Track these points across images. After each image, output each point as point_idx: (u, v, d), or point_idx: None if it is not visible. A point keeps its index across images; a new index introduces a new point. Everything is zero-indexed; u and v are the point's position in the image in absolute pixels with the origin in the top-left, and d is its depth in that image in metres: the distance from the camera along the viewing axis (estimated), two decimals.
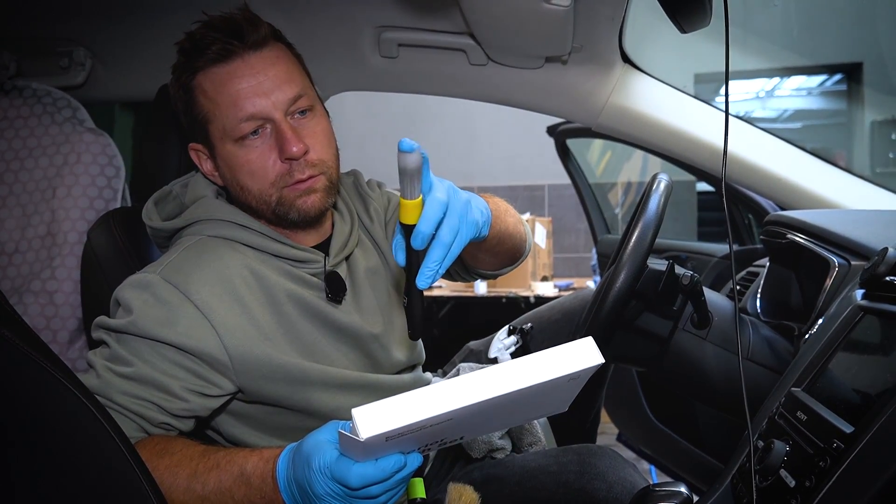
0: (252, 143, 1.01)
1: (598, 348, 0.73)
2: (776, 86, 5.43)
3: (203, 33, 1.01)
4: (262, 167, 1.01)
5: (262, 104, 0.99)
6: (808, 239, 1.19)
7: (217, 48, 1.00)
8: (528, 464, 1.12)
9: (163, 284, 0.97)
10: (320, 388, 1.03)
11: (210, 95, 1.01)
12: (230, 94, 0.99)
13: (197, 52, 1.01)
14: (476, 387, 0.69)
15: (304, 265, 1.07)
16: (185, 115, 1.07)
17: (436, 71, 1.62)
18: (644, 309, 1.20)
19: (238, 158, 1.02)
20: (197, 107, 1.03)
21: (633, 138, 1.64)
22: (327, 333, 1.06)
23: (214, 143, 1.04)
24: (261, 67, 1.00)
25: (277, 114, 1.00)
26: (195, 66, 1.02)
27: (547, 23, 1.30)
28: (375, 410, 0.68)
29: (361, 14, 1.52)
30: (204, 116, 1.03)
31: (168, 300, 0.96)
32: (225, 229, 1.04)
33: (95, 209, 1.51)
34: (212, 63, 1.01)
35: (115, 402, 0.92)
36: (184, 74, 1.03)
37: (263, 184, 1.02)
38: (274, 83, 1.00)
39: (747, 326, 1.22)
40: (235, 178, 1.04)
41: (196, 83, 1.02)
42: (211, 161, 1.07)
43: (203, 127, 1.04)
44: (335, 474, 0.73)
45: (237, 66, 1.00)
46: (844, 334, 0.91)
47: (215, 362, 0.96)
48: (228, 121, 1.00)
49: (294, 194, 1.02)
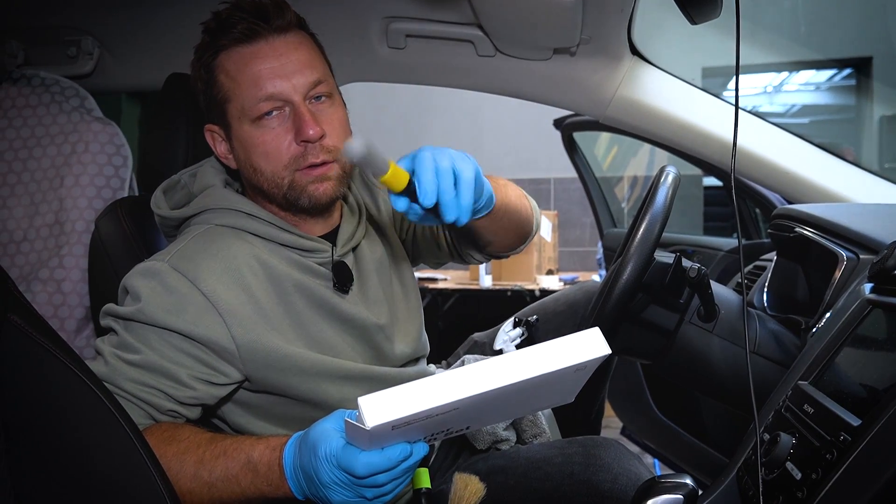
0: (269, 124, 1.01)
1: (604, 339, 0.73)
2: (784, 80, 5.40)
3: (230, 13, 1.02)
4: (277, 148, 1.01)
5: (283, 86, 1.00)
6: (816, 232, 1.18)
7: (242, 28, 1.00)
8: (533, 455, 1.12)
9: (171, 273, 0.97)
10: (326, 379, 1.03)
11: (231, 74, 1.02)
12: (251, 73, 1.00)
13: (222, 31, 1.01)
14: (483, 376, 0.70)
15: (312, 255, 1.07)
16: (204, 95, 1.07)
17: (443, 62, 1.62)
18: (650, 301, 1.19)
19: (254, 139, 1.02)
20: (217, 86, 1.03)
21: (641, 131, 1.63)
22: (333, 324, 1.06)
23: (231, 122, 1.04)
24: (284, 50, 1.01)
25: (297, 97, 1.00)
26: (219, 45, 1.02)
27: (555, 14, 1.30)
28: (382, 399, 0.68)
29: (369, 4, 1.51)
30: (223, 96, 1.03)
31: (176, 288, 0.96)
32: (233, 218, 1.05)
33: (103, 198, 1.52)
34: (236, 42, 1.01)
35: (123, 390, 0.92)
36: (206, 53, 1.03)
37: (277, 165, 1.02)
38: (295, 67, 1.01)
39: (754, 320, 1.21)
40: (249, 160, 1.04)
41: (218, 62, 1.03)
42: (226, 143, 1.08)
43: (221, 107, 1.04)
44: (341, 462, 0.74)
45: (261, 47, 1.01)
46: (852, 328, 0.91)
47: (223, 351, 0.96)
48: (247, 100, 1.00)
49: (307, 179, 1.02)
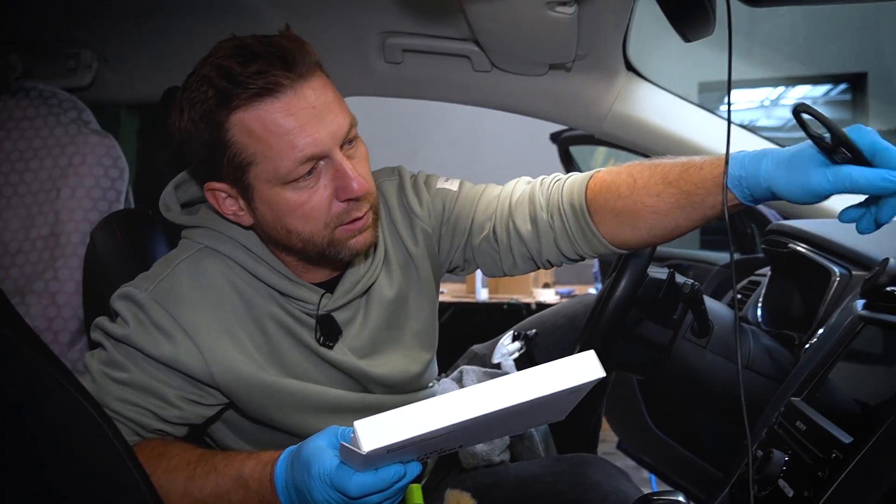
0: (307, 185, 0.89)
1: (599, 362, 0.73)
2: (781, 95, 5.43)
3: (242, 63, 0.86)
4: (318, 209, 0.90)
5: (321, 143, 0.88)
6: (809, 248, 1.19)
7: (264, 82, 0.85)
8: (522, 473, 1.11)
9: (154, 308, 0.94)
10: (309, 411, 1.00)
11: (258, 135, 0.87)
12: (284, 133, 0.86)
13: (237, 85, 0.86)
14: (477, 400, 0.70)
15: (298, 303, 0.99)
16: (208, 154, 0.91)
17: (440, 77, 1.62)
18: (644, 317, 1.20)
19: (290, 202, 0.90)
20: (233, 147, 0.88)
21: (636, 146, 1.64)
22: (317, 364, 1.02)
23: (255, 185, 0.90)
24: (314, 100, 0.88)
25: (335, 149, 0.89)
26: (233, 103, 0.86)
27: (551, 30, 1.31)
28: (378, 423, 0.68)
29: (366, 19, 1.52)
30: (244, 159, 0.89)
31: (159, 324, 0.94)
32: (225, 245, 0.99)
33: (99, 210, 1.52)
34: (257, 98, 0.86)
35: (110, 408, 0.91)
36: (216, 111, 0.87)
37: (317, 226, 0.92)
38: (329, 116, 0.89)
39: (748, 335, 1.22)
40: (282, 221, 0.92)
41: (234, 121, 0.87)
42: (239, 201, 0.94)
43: (240, 169, 0.90)
44: (335, 483, 0.73)
45: (289, 99, 0.86)
46: (845, 344, 0.91)
47: (205, 381, 0.95)
48: (283, 163, 0.87)
49: (348, 234, 0.94)
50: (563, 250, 1.04)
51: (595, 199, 1.00)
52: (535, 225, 1.04)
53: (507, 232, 1.05)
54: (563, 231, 1.02)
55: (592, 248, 1.02)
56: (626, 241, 1.00)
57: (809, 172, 0.80)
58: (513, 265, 1.08)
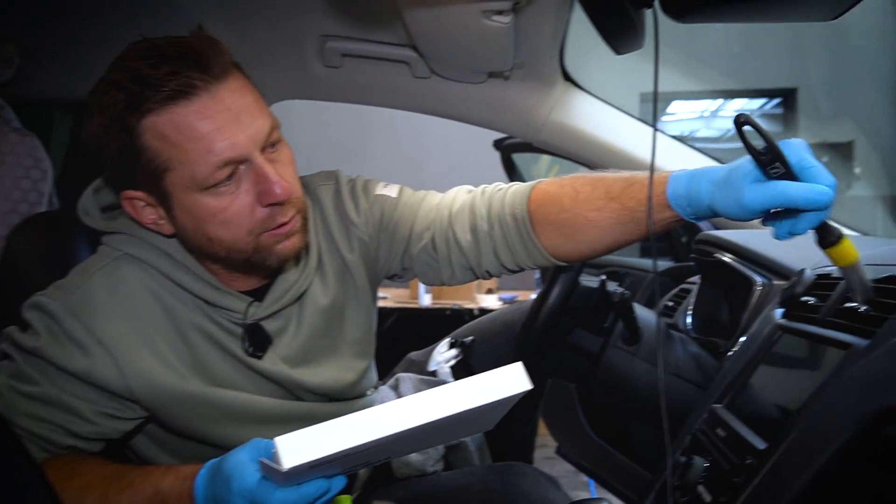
0: (227, 190, 0.86)
1: (526, 375, 0.73)
2: (720, 107, 5.63)
3: (153, 65, 0.82)
4: (239, 215, 0.87)
5: (240, 146, 0.84)
6: (734, 258, 1.23)
7: (177, 84, 0.82)
8: (454, 483, 1.11)
9: (68, 319, 0.90)
10: (237, 422, 0.97)
11: (172, 140, 0.83)
12: (199, 137, 0.83)
13: (148, 88, 0.82)
14: (404, 414, 0.69)
15: (225, 312, 0.96)
16: (121, 160, 0.87)
17: (379, 82, 1.62)
18: (577, 325, 1.21)
19: (209, 208, 0.87)
20: (147, 153, 0.85)
21: (572, 154, 1.66)
22: (246, 374, 0.99)
23: (172, 191, 0.87)
24: (230, 102, 0.84)
25: (255, 152, 0.86)
26: (144, 106, 0.83)
27: (488, 38, 1.32)
28: (299, 439, 0.66)
29: (305, 23, 1.50)
30: (159, 165, 0.85)
31: (73, 336, 0.90)
32: (146, 252, 0.95)
33: (19, 213, 1.46)
34: (170, 101, 0.82)
35: (18, 424, 0.87)
36: (127, 115, 0.83)
37: (239, 233, 0.89)
38: (248, 118, 0.85)
39: (676, 343, 1.24)
40: (202, 229, 0.89)
41: (146, 126, 0.84)
42: (157, 210, 0.91)
43: (155, 175, 0.87)
44: (256, 499, 0.71)
45: (203, 102, 0.83)
46: (764, 352, 0.94)
47: (123, 393, 0.92)
48: (199, 168, 0.84)
49: (274, 240, 0.91)
50: (503, 261, 1.03)
51: (537, 210, 1.00)
52: (475, 235, 1.03)
53: (446, 242, 1.04)
54: (503, 242, 1.02)
55: (533, 260, 1.02)
56: (567, 254, 1.00)
57: (743, 189, 0.81)
58: (452, 275, 1.07)
